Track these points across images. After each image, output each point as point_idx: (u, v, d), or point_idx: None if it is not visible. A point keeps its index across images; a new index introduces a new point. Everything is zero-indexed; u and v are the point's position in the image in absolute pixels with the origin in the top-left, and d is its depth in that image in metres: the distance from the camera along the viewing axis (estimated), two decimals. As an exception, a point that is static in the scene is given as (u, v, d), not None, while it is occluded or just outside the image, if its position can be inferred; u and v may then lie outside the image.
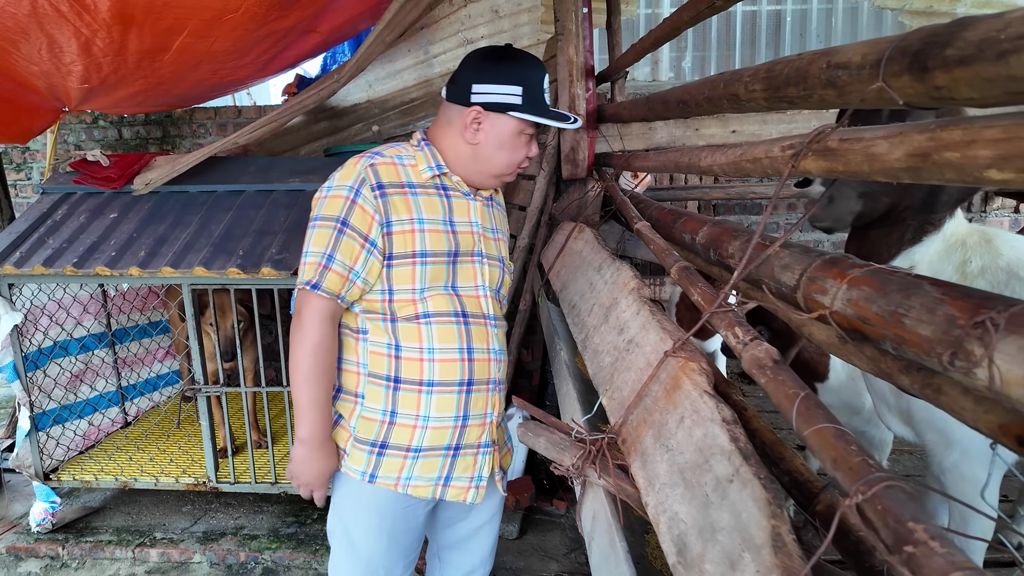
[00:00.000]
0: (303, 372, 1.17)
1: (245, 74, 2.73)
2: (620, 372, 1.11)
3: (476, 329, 1.28)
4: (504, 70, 1.20)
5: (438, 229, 1.23)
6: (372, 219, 1.17)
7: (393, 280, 1.21)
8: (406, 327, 1.23)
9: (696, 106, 1.31)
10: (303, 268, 1.17)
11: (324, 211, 1.17)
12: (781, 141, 0.93)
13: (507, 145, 1.24)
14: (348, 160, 1.22)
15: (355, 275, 1.19)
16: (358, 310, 1.24)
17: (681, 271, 1.11)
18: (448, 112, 1.25)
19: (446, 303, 1.25)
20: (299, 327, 1.17)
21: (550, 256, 2.29)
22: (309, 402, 1.19)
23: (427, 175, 1.24)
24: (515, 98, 1.20)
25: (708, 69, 3.28)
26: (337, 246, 1.15)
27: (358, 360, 1.26)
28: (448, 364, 1.24)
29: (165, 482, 2.34)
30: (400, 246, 1.19)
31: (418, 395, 1.24)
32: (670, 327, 1.05)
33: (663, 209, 1.67)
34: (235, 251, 2.11)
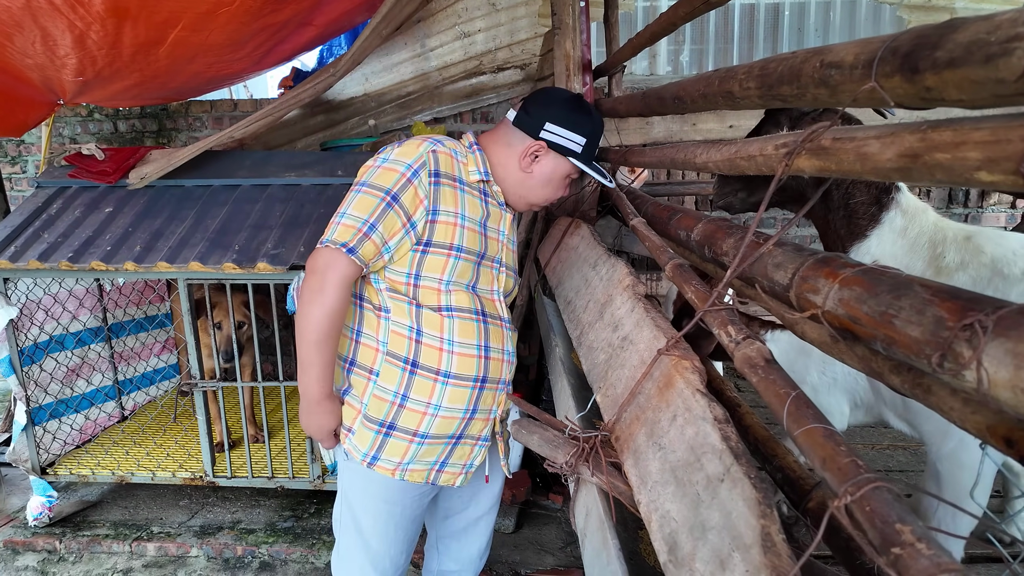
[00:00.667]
0: (317, 334, 1.17)
1: (241, 67, 2.72)
2: (614, 369, 1.11)
3: (494, 329, 1.32)
4: (578, 120, 1.30)
5: (475, 229, 1.28)
6: (421, 203, 1.20)
7: (424, 266, 1.24)
8: (429, 315, 1.26)
9: (692, 102, 1.31)
10: (338, 228, 1.17)
11: (376, 180, 1.19)
12: (775, 139, 0.93)
13: (553, 183, 1.35)
14: (409, 139, 1.27)
15: (386, 250, 1.21)
16: (383, 286, 1.26)
17: (675, 268, 1.11)
18: (510, 135, 1.32)
19: (468, 300, 1.28)
20: (320, 288, 1.16)
21: (547, 252, 2.29)
22: (317, 363, 1.20)
23: (475, 177, 1.30)
24: (577, 147, 1.30)
25: (706, 63, 3.27)
26: (382, 218, 1.16)
27: (378, 337, 1.28)
28: (466, 359, 1.26)
29: (162, 476, 2.34)
30: (441, 236, 1.23)
31: (433, 383, 1.26)
32: (663, 325, 1.05)
33: (659, 205, 1.67)
34: (231, 246, 2.10)
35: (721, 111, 2.70)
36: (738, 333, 0.84)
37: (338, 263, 1.15)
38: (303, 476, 2.28)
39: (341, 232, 1.16)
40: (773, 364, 0.75)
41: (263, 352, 2.30)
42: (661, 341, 1.00)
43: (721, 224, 1.21)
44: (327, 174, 2.36)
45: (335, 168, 2.38)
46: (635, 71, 3.09)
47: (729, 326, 0.86)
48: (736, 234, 1.09)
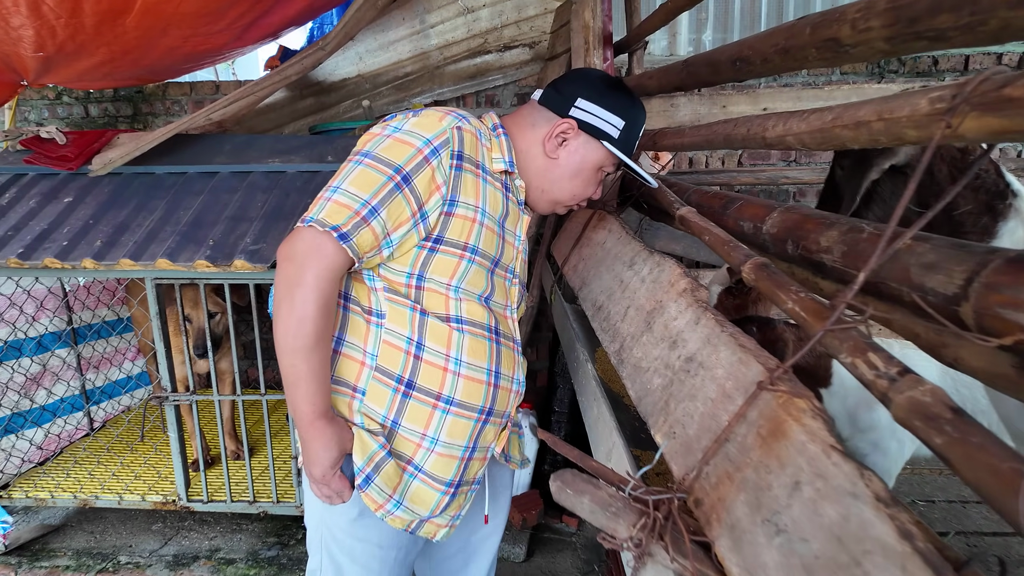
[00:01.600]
0: (299, 341, 0.90)
1: (221, 42, 2.45)
2: (679, 401, 0.86)
3: (506, 352, 1.08)
4: (614, 97, 1.09)
5: (493, 229, 1.06)
6: (438, 190, 0.97)
7: (430, 267, 0.99)
8: (436, 326, 1.00)
9: (763, 62, 1.05)
10: (328, 205, 0.90)
11: (383, 152, 0.94)
12: (920, 94, 0.68)
13: (584, 175, 1.12)
14: (428, 110, 1.03)
15: (387, 244, 0.95)
16: (378, 284, 1.00)
17: (758, 270, 0.85)
18: (535, 115, 1.11)
19: (481, 313, 1.04)
20: (299, 281, 0.89)
21: (563, 248, 2.03)
22: (304, 377, 0.93)
23: (500, 167, 1.08)
24: (614, 129, 1.09)
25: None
26: (387, 201, 0.93)
27: (364, 347, 1.02)
28: (474, 384, 1.02)
29: (130, 501, 2.08)
30: (456, 232, 1.00)
31: (432, 410, 1.01)
32: (750, 344, 0.80)
33: (706, 193, 1.41)
34: (205, 240, 1.84)
35: (755, 93, 2.45)
36: (888, 364, 0.59)
37: (324, 250, 0.89)
38: (288, 500, 2.02)
39: (332, 211, 0.90)
40: (966, 418, 0.50)
41: (244, 356, 2.05)
42: (753, 368, 0.75)
43: (810, 212, 0.96)
44: (315, 160, 2.10)
45: (324, 153, 2.12)
46: (653, 51, 2.84)
47: (870, 353, 0.61)
48: (841, 224, 0.84)
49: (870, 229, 0.78)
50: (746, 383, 0.75)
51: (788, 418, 0.65)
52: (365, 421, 1.01)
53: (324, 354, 0.95)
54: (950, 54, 2.58)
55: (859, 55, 0.80)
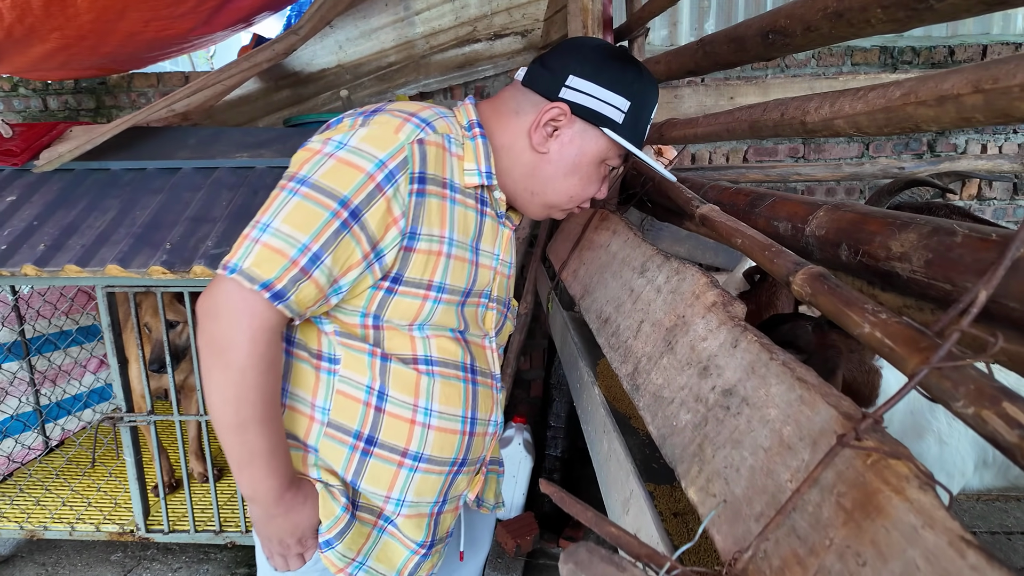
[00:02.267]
0: (254, 407, 0.74)
1: (186, 27, 2.25)
2: (718, 447, 0.69)
3: (483, 392, 0.90)
4: (616, 72, 0.86)
5: (464, 257, 0.87)
6: (394, 224, 0.78)
7: (388, 310, 0.81)
8: (400, 372, 0.82)
9: (805, 32, 0.89)
10: (256, 250, 0.71)
11: (325, 179, 0.74)
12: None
13: (581, 171, 0.90)
14: (378, 114, 0.80)
15: (335, 292, 0.76)
16: (329, 328, 0.83)
17: (816, 282, 0.68)
18: (519, 99, 0.89)
19: (455, 350, 0.86)
20: (231, 342, 0.71)
21: (560, 251, 1.86)
22: (267, 448, 0.76)
23: (473, 181, 0.87)
24: (617, 112, 0.86)
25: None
26: (332, 244, 0.73)
27: (313, 400, 0.84)
28: (446, 436, 0.85)
29: (82, 531, 1.88)
30: (418, 269, 0.81)
31: (397, 468, 0.85)
32: (812, 378, 0.63)
33: (726, 189, 1.25)
34: (162, 244, 1.65)
35: (765, 83, 2.29)
36: (1035, 420, 0.42)
37: (252, 313, 0.71)
38: (259, 530, 1.83)
39: (262, 259, 0.71)
40: None
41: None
42: (821, 412, 0.58)
43: (868, 210, 0.80)
44: (288, 154, 1.91)
45: (298, 147, 1.92)
46: (653, 40, 2.68)
47: (1006, 403, 0.44)
48: (920, 225, 0.67)
49: (964, 231, 0.61)
50: (812, 431, 0.58)
51: (884, 487, 0.49)
52: (323, 475, 0.86)
53: (277, 416, 0.78)
54: (967, 42, 2.44)
55: (948, 10, 0.63)
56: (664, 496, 1.01)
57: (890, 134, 0.78)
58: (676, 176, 1.70)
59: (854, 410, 0.56)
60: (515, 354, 2.31)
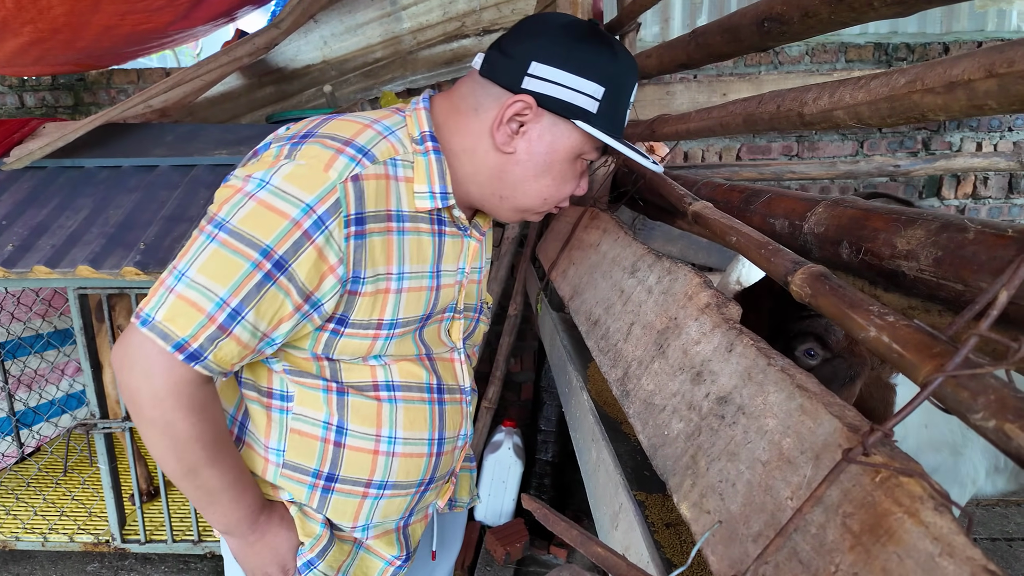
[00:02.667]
0: (202, 452, 0.69)
1: (164, 21, 2.19)
2: (713, 459, 0.64)
3: (451, 409, 0.85)
4: (586, 54, 0.74)
5: (420, 286, 0.79)
6: (331, 272, 0.69)
7: (336, 349, 0.75)
8: (360, 404, 0.77)
9: (803, 19, 0.84)
10: (170, 301, 0.64)
11: (244, 224, 0.65)
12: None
13: (555, 169, 0.79)
14: (307, 143, 0.70)
15: (267, 344, 0.69)
16: (278, 367, 0.76)
17: (816, 282, 0.63)
18: (478, 93, 0.77)
19: (418, 372, 0.80)
20: (153, 399, 0.65)
21: (550, 250, 1.81)
22: (227, 483, 0.73)
23: (425, 205, 0.76)
24: (590, 101, 0.75)
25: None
26: (254, 298, 0.66)
27: (266, 441, 0.79)
28: (412, 460, 0.80)
29: (55, 542, 1.82)
30: (364, 312, 0.74)
31: (361, 499, 0.80)
32: (813, 386, 0.59)
33: (720, 185, 1.20)
34: (135, 244, 1.59)
35: (758, 79, 2.25)
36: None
37: (168, 371, 0.65)
38: (239, 539, 1.77)
39: (175, 312, 0.64)
40: None
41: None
42: (824, 423, 0.53)
43: (870, 206, 0.75)
44: (269, 152, 1.85)
45: (279, 144, 1.87)
46: (645, 37, 2.63)
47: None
48: (928, 221, 0.63)
49: (976, 227, 0.57)
50: (815, 444, 0.53)
51: (896, 508, 0.44)
52: (295, 497, 0.82)
53: (228, 451, 0.73)
54: (962, 39, 2.42)
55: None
56: (656, 506, 0.97)
57: (894, 125, 0.74)
58: (668, 174, 1.66)
59: (860, 422, 0.51)
60: (505, 356, 2.26)
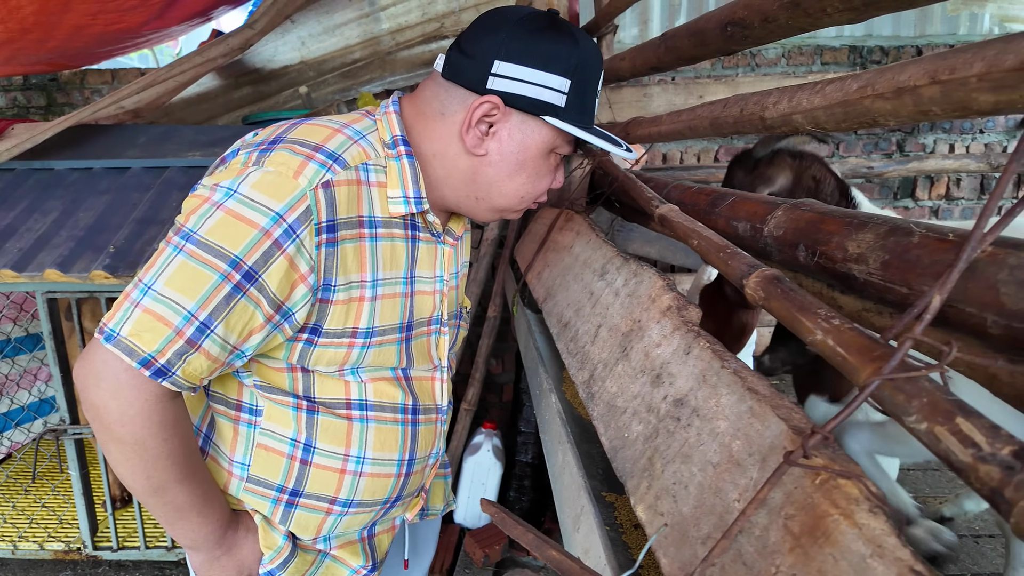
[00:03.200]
0: (170, 471, 0.68)
1: (138, 20, 2.16)
2: (668, 461, 0.65)
3: (425, 430, 0.84)
4: (548, 48, 0.73)
5: (395, 292, 0.78)
6: (302, 281, 0.68)
7: (311, 359, 0.73)
8: (330, 423, 0.76)
9: (764, 24, 0.85)
10: (136, 315, 0.62)
11: (212, 235, 0.64)
12: (999, 42, 0.48)
13: (529, 167, 0.79)
14: (275, 149, 0.68)
15: (237, 357, 0.68)
16: (249, 381, 0.75)
17: (769, 285, 0.64)
18: (443, 96, 0.76)
19: (394, 393, 0.79)
20: (121, 417, 0.64)
21: (527, 252, 1.81)
22: (195, 499, 0.71)
23: (398, 210, 0.76)
24: (558, 96, 0.74)
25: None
26: (223, 311, 0.64)
27: (231, 454, 0.78)
28: (379, 480, 0.80)
29: (25, 550, 1.79)
30: (337, 320, 0.73)
31: (324, 516, 0.80)
32: (763, 389, 0.59)
33: (688, 188, 1.21)
34: (105, 247, 1.57)
35: (735, 80, 2.27)
36: (994, 439, 0.38)
37: (137, 387, 0.63)
38: (214, 545, 1.75)
39: (141, 327, 0.62)
40: None
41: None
42: (771, 426, 0.54)
43: (826, 209, 0.76)
44: (243, 153, 1.84)
45: (254, 146, 1.86)
46: (624, 39, 2.65)
47: (960, 419, 0.40)
48: (877, 224, 0.64)
49: (921, 231, 0.58)
50: (762, 447, 0.54)
51: (833, 510, 0.45)
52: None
53: (198, 467, 0.72)
54: (935, 42, 2.45)
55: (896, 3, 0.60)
56: (625, 507, 0.97)
57: (848, 129, 0.75)
58: (641, 176, 1.67)
59: (805, 424, 0.52)
60: (484, 358, 2.25)
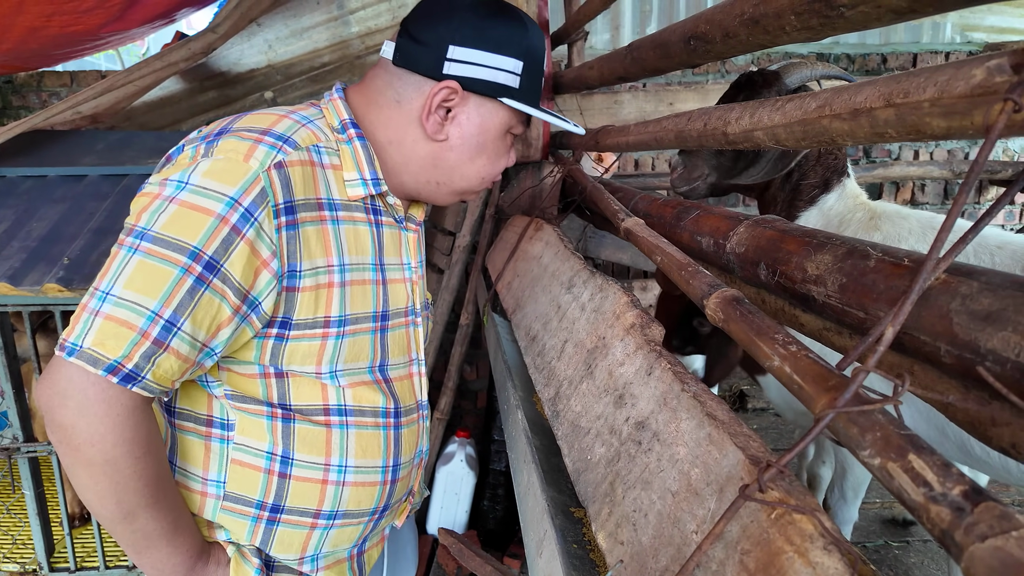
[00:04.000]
0: (141, 493, 0.65)
1: (96, 23, 2.10)
2: (629, 486, 0.64)
3: (408, 432, 0.82)
4: (501, 31, 0.75)
5: (365, 279, 0.77)
6: (264, 265, 0.67)
7: (285, 359, 0.71)
8: (307, 432, 0.73)
9: (725, 39, 0.85)
10: (98, 324, 0.60)
11: (167, 229, 0.62)
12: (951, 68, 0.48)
13: (489, 148, 0.81)
14: (222, 138, 0.67)
15: (207, 355, 0.65)
16: (219, 391, 0.72)
17: (728, 307, 0.63)
18: (396, 84, 0.76)
19: (374, 397, 0.77)
20: (89, 436, 0.61)
21: (498, 261, 1.80)
22: (162, 532, 0.68)
23: (357, 192, 0.75)
24: (512, 77, 0.77)
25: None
26: (188, 306, 0.62)
27: (205, 475, 0.75)
28: (364, 489, 0.78)
29: (-23, 573, 1.72)
30: (307, 310, 0.71)
31: (309, 531, 0.77)
32: (722, 414, 0.58)
33: (655, 200, 1.21)
34: (59, 259, 1.51)
35: (704, 88, 2.28)
36: (945, 477, 0.37)
37: (106, 400, 0.60)
38: (177, 564, 1.70)
39: (105, 335, 0.60)
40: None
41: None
42: (729, 455, 0.53)
43: (787, 227, 0.76)
44: (205, 161, 1.79)
45: (217, 153, 1.81)
46: (595, 44, 2.65)
47: (912, 455, 0.40)
48: (836, 246, 0.64)
49: (878, 254, 0.58)
50: (720, 477, 0.53)
51: (787, 547, 0.44)
52: (233, 537, 0.77)
53: (170, 491, 0.69)
54: (899, 51, 2.50)
55: (859, 18, 0.59)
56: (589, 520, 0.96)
57: (808, 147, 0.75)
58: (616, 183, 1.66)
59: (763, 453, 0.51)
60: (457, 366, 2.23)
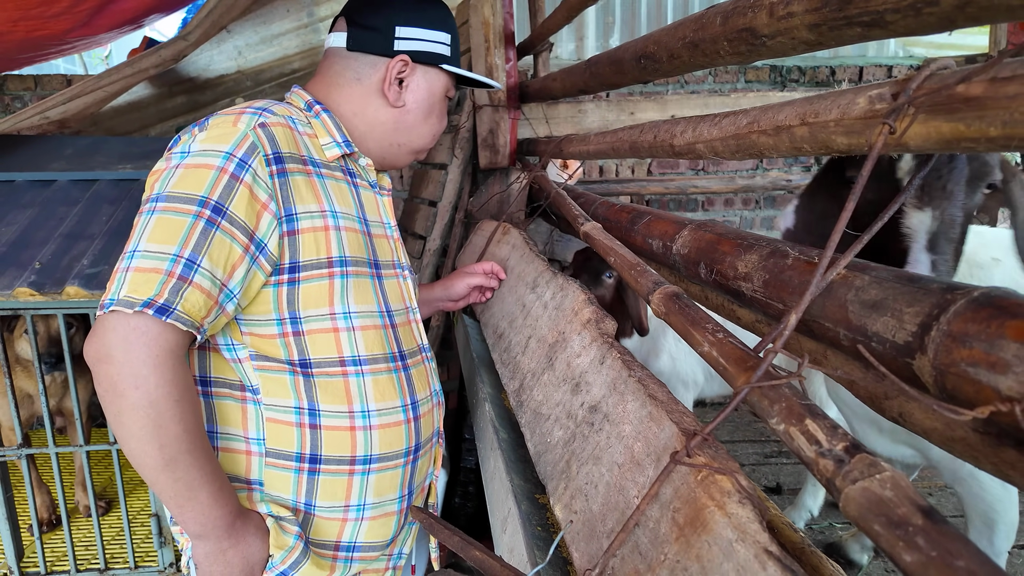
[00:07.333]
0: (182, 441, 0.70)
1: (62, 28, 2.09)
2: (583, 463, 0.71)
3: (417, 372, 0.93)
4: (433, 11, 0.96)
5: (354, 228, 0.89)
6: (265, 209, 0.79)
7: (300, 303, 0.80)
8: (327, 384, 0.83)
9: (670, 59, 0.93)
10: (128, 277, 0.70)
11: (177, 187, 0.74)
12: (850, 93, 0.56)
13: (436, 109, 1.01)
14: (210, 119, 0.81)
15: (227, 296, 0.75)
16: (241, 354, 0.81)
17: (670, 301, 0.71)
18: (353, 66, 0.94)
19: (380, 342, 0.88)
20: (135, 379, 0.68)
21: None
22: (205, 477, 0.73)
23: (333, 152, 0.90)
24: (445, 47, 0.98)
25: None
26: (204, 245, 0.73)
27: (246, 433, 0.83)
28: (391, 430, 0.87)
29: (-57, 581, 1.70)
30: (310, 251, 0.82)
31: (349, 478, 0.85)
32: (662, 395, 0.66)
33: (613, 206, 1.29)
34: (30, 263, 1.52)
35: (663, 99, 2.39)
36: (832, 437, 0.45)
37: (147, 338, 0.68)
38: (149, 565, 1.72)
39: (136, 283, 0.69)
40: (940, 523, 0.37)
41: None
42: (665, 429, 0.60)
43: (724, 231, 0.84)
44: (177, 166, 1.81)
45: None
46: (561, 54, 2.74)
47: (808, 420, 0.48)
48: (761, 247, 0.72)
49: (795, 254, 0.66)
50: (657, 447, 0.61)
51: (709, 503, 0.51)
52: (273, 508, 0.83)
53: (207, 444, 0.75)
54: (846, 63, 2.65)
55: (779, 47, 0.68)
56: (556, 508, 1.03)
57: (742, 159, 0.83)
58: (580, 189, 1.74)
59: (690, 425, 0.59)
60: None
